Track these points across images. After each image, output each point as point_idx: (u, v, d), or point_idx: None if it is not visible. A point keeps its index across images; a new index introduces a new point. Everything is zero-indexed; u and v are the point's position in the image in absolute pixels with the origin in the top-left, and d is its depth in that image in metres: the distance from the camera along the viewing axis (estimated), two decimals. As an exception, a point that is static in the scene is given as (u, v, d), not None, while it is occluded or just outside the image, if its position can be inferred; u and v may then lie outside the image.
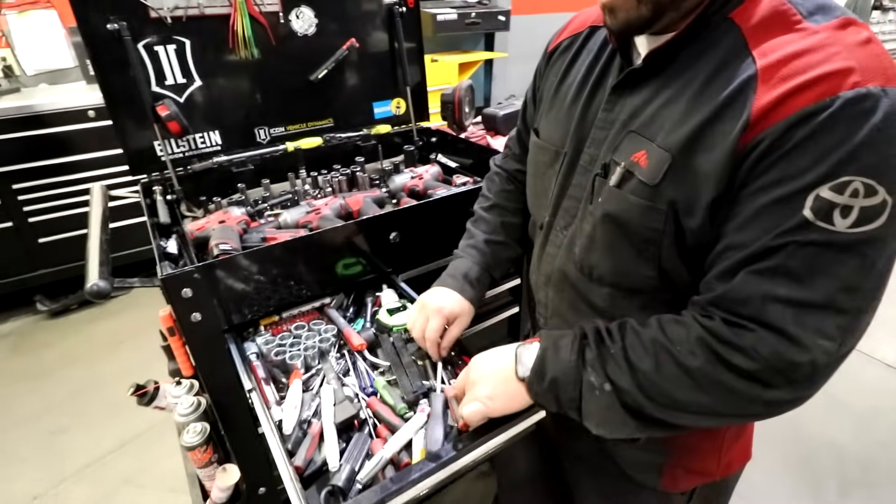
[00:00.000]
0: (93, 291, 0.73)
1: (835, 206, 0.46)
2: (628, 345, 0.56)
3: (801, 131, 0.46)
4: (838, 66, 0.46)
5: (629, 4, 0.54)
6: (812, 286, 0.47)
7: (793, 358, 0.48)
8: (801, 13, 0.50)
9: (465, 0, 3.36)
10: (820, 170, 0.46)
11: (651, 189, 0.56)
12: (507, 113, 1.55)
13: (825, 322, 0.47)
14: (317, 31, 1.34)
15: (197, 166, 1.26)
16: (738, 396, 0.51)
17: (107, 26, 1.09)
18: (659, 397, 0.53)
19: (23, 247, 2.39)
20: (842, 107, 0.45)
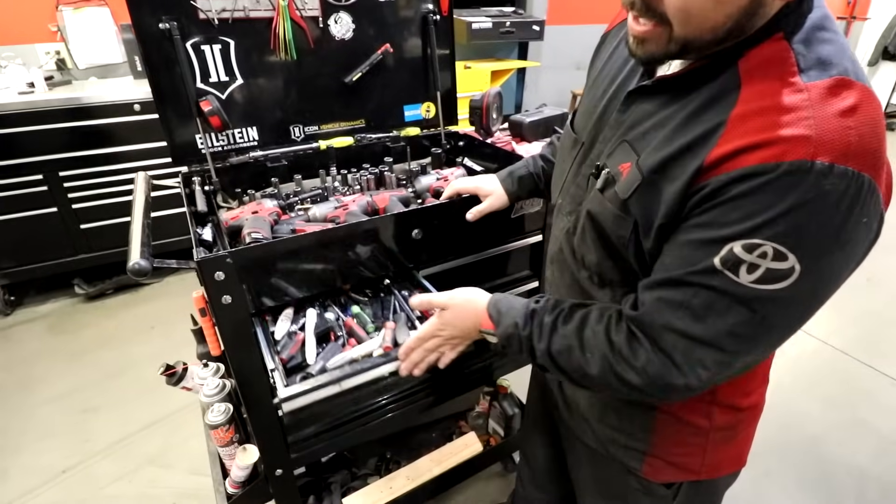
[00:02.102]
0: (134, 269, 0.78)
1: (742, 261, 0.50)
2: (558, 326, 0.68)
3: (737, 188, 0.49)
4: (796, 132, 0.47)
5: (660, 40, 0.55)
6: (704, 324, 0.53)
7: (673, 381, 0.57)
8: (799, 65, 0.51)
9: (501, 9, 3.40)
10: (739, 227, 0.49)
11: (621, 201, 0.61)
12: (533, 120, 1.57)
13: (707, 356, 0.54)
14: (353, 36, 1.39)
15: (234, 160, 1.32)
16: (619, 393, 0.63)
17: (159, 25, 1.15)
18: (556, 368, 0.67)
19: (65, 231, 2.52)
20: (780, 175, 0.47)
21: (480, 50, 3.56)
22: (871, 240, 0.52)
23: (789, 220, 0.47)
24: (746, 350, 0.54)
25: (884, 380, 2.18)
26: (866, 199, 0.48)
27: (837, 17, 5.81)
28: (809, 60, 0.51)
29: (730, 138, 0.51)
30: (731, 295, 0.51)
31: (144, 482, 1.71)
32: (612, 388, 0.63)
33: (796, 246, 0.48)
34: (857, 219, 0.48)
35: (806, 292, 0.51)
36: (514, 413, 1.55)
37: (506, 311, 0.74)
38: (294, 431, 1.11)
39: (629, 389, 0.61)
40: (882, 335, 2.49)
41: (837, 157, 0.46)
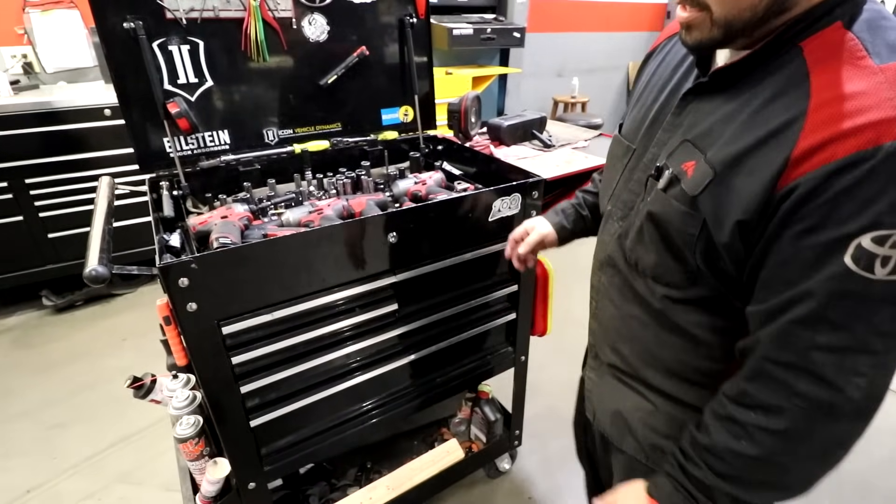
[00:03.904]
0: (91, 276, 0.74)
1: (875, 255, 0.47)
2: (699, 440, 0.61)
3: (840, 181, 0.47)
4: (885, 115, 0.46)
5: (704, 25, 0.56)
6: (850, 332, 0.50)
7: (832, 400, 0.52)
8: (868, 50, 0.50)
9: (482, 16, 3.41)
10: (859, 221, 0.47)
11: (690, 199, 0.59)
12: (511, 123, 1.56)
13: (859, 363, 0.50)
14: (328, 38, 1.37)
15: (204, 164, 1.28)
16: (799, 453, 0.55)
17: (123, 25, 1.12)
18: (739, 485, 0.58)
19: (32, 241, 2.43)
20: (882, 159, 0.45)
21: (462, 56, 3.57)
22: None
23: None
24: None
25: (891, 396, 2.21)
26: None
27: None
28: (877, 45, 0.50)
29: (814, 128, 0.49)
30: (872, 295, 0.48)
31: (114, 500, 1.64)
32: (788, 459, 0.55)
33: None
34: None
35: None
36: (496, 419, 1.53)
37: (661, 480, 0.65)
38: (267, 443, 1.08)
39: (787, 441, 0.54)
40: None
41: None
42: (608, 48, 4.64)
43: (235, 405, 0.97)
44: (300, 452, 1.12)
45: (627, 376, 0.80)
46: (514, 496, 1.66)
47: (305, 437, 1.13)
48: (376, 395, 1.21)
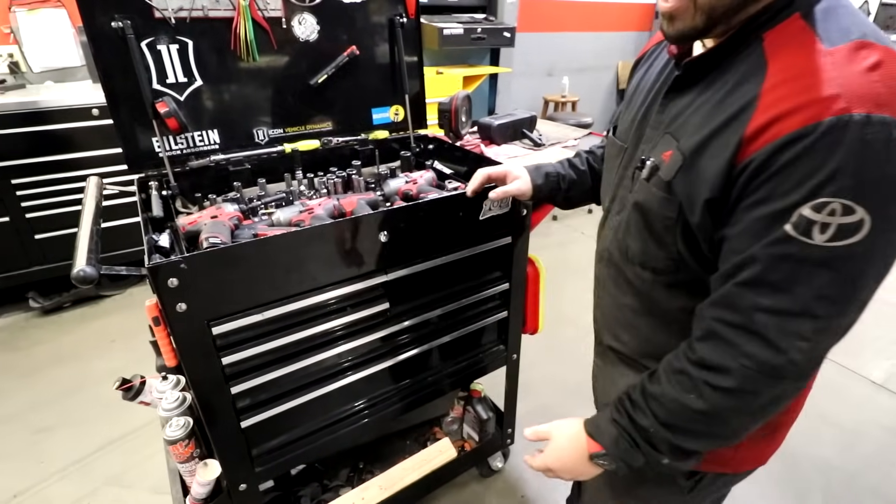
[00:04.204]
0: (79, 277, 0.73)
1: (813, 222, 0.50)
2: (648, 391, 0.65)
3: (784, 155, 0.50)
4: (827, 92, 0.49)
5: (687, 14, 0.58)
6: (791, 294, 0.53)
7: (774, 362, 0.55)
8: (820, 35, 0.53)
9: (472, 16, 3.42)
10: (800, 192, 0.50)
11: (666, 184, 0.63)
12: (501, 123, 1.57)
13: (802, 326, 0.53)
14: (318, 38, 1.36)
15: (194, 163, 1.27)
16: (743, 414, 0.59)
17: (111, 24, 1.11)
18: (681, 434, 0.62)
19: (19, 242, 2.40)
20: (823, 132, 0.48)
21: (452, 56, 3.57)
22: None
23: (846, 174, 0.48)
24: (838, 312, 0.53)
25: (845, 373, 2.26)
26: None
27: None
28: (829, 30, 0.53)
29: (764, 109, 0.53)
30: (809, 259, 0.51)
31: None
32: (724, 413, 0.59)
33: (860, 197, 0.48)
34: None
35: (881, 241, 0.51)
36: (488, 417, 1.53)
37: (599, 420, 0.70)
38: (259, 444, 1.07)
39: (732, 398, 0.58)
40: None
41: (871, 108, 0.48)
42: (597, 48, 4.67)
43: (226, 406, 0.96)
44: (291, 453, 1.12)
45: (629, 359, 0.82)
46: (506, 495, 1.66)
47: (297, 438, 1.13)
48: (368, 394, 1.21)
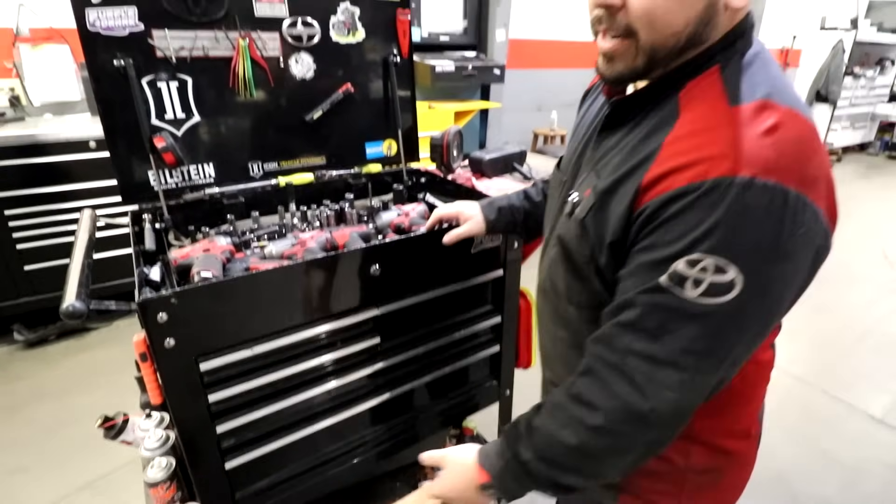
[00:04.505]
0: (68, 311, 0.73)
1: (686, 277, 0.51)
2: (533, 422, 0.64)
3: (670, 208, 0.52)
4: (718, 151, 0.51)
5: (628, 55, 0.59)
6: (661, 343, 0.54)
7: (640, 407, 0.55)
8: (728, 92, 0.55)
9: (463, 54, 3.53)
10: (678, 245, 0.52)
11: (580, 221, 0.65)
12: (492, 157, 1.61)
13: (668, 377, 0.54)
14: (315, 76, 1.40)
15: (188, 197, 1.28)
16: (602, 451, 0.58)
17: (113, 62, 1.14)
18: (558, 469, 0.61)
19: (7, 273, 2.37)
20: (706, 191, 0.50)
21: (444, 91, 3.67)
22: (817, 253, 0.54)
23: (721, 233, 0.50)
24: (707, 368, 0.54)
25: (843, 408, 2.24)
26: (797, 211, 0.50)
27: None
28: (739, 87, 0.55)
29: (661, 161, 0.55)
30: (681, 312, 0.52)
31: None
32: (595, 451, 0.59)
33: (734, 258, 0.50)
34: (792, 230, 0.50)
35: (753, 304, 0.52)
36: (481, 455, 1.50)
37: (489, 450, 0.68)
38: (243, 486, 1.04)
39: (601, 437, 0.58)
40: (838, 362, 2.57)
41: (758, 172, 0.49)
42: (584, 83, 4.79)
43: (210, 446, 0.94)
44: (277, 496, 1.08)
45: None
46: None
47: (283, 480, 1.09)
48: (357, 433, 1.19)
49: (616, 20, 0.57)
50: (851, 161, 6.72)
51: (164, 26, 1.18)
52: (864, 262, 3.66)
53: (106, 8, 1.12)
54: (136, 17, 1.15)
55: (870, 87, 6.64)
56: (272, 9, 1.30)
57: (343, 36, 1.42)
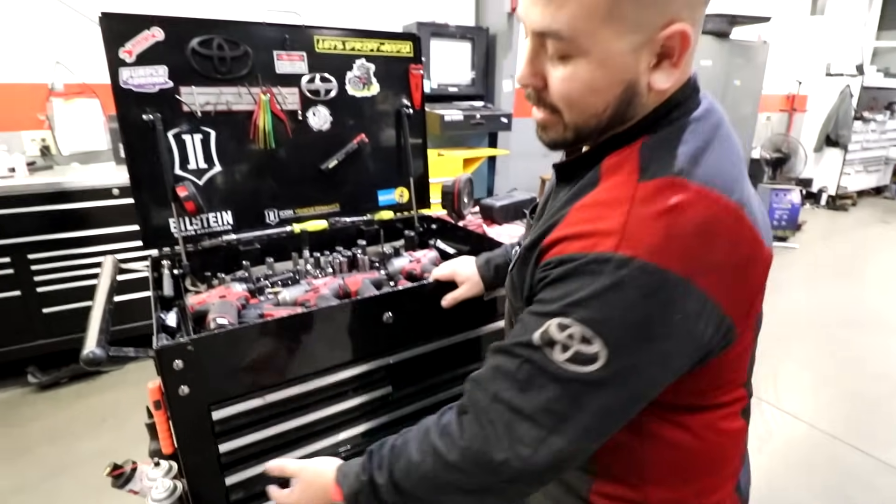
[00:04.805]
0: (88, 359, 0.74)
1: (555, 341, 0.53)
2: (397, 447, 0.65)
3: (558, 270, 0.54)
4: (609, 226, 0.52)
5: (557, 127, 0.61)
6: (526, 396, 0.55)
7: (494, 455, 0.55)
8: (641, 167, 0.55)
9: (472, 104, 3.66)
10: (555, 305, 0.53)
11: (511, 274, 0.68)
12: (503, 204, 1.64)
13: (526, 431, 0.54)
14: (331, 127, 1.47)
15: (206, 243, 1.32)
16: (452, 488, 0.59)
17: (142, 116, 1.20)
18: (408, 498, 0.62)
19: (26, 316, 2.41)
20: (588, 262, 0.52)
21: (453, 139, 3.78)
22: (704, 341, 0.54)
23: (592, 306, 0.51)
24: (562, 431, 0.54)
25: (876, 465, 2.13)
26: (676, 296, 0.50)
27: (780, 110, 6.43)
28: (653, 162, 0.55)
29: (564, 226, 0.57)
30: (547, 372, 0.54)
31: None
32: (447, 487, 0.59)
33: (600, 332, 0.51)
34: (667, 315, 0.51)
35: (617, 380, 0.52)
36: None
37: (348, 470, 0.68)
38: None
39: (454, 474, 0.58)
40: (869, 417, 2.44)
41: (641, 252, 0.50)
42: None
43: (219, 498, 0.92)
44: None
45: None
46: None
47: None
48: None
49: (542, 98, 0.60)
50: (867, 205, 6.67)
51: (191, 83, 1.26)
52: (892, 310, 3.56)
53: (139, 67, 1.20)
54: (166, 75, 1.23)
55: (881, 132, 6.67)
56: (293, 66, 1.38)
57: (358, 90, 1.49)
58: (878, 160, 6.85)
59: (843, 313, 3.48)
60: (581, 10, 0.51)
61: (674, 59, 0.54)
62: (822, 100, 6.28)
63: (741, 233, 0.55)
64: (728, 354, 0.59)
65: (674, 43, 0.53)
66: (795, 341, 3.09)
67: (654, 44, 0.53)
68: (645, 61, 0.54)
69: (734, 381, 0.65)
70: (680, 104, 0.58)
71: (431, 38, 3.41)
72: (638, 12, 0.51)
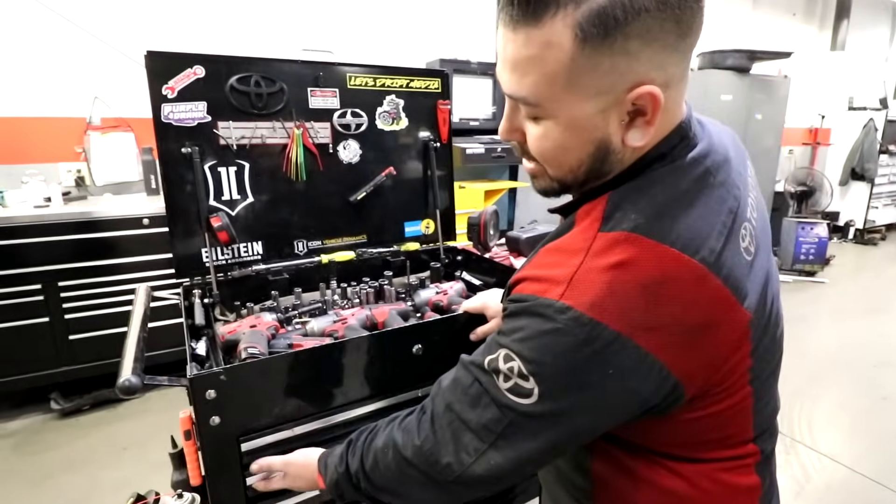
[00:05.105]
0: (124, 387, 0.74)
1: (499, 370, 0.56)
2: (368, 439, 0.72)
3: (514, 306, 0.58)
4: (560, 274, 0.54)
5: (544, 177, 0.63)
6: (474, 411, 0.59)
7: (441, 458, 0.61)
8: (605, 217, 0.56)
9: (493, 137, 3.71)
10: (505, 339, 0.57)
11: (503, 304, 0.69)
12: (529, 236, 1.64)
13: (470, 442, 0.59)
14: (360, 160, 1.50)
15: (236, 273, 1.34)
16: (406, 481, 0.66)
17: (181, 149, 1.25)
18: (374, 488, 0.70)
19: (52, 342, 2.45)
20: (536, 305, 0.54)
21: (475, 172, 3.82)
22: (637, 394, 0.53)
23: (532, 346, 0.54)
24: (500, 448, 0.58)
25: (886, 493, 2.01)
26: (609, 351, 0.51)
27: (802, 143, 6.39)
28: (614, 213, 0.56)
29: (529, 266, 0.60)
30: (491, 394, 0.57)
31: None
32: (405, 479, 0.66)
33: (534, 371, 0.53)
34: (599, 367, 0.52)
35: (547, 418, 0.55)
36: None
37: (330, 460, 0.76)
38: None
39: (409, 468, 0.64)
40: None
41: (582, 304, 0.51)
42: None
43: (245, 532, 0.90)
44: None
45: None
46: None
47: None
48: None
49: (526, 150, 0.62)
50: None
51: (228, 118, 1.30)
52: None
53: (179, 103, 1.25)
54: (205, 110, 1.27)
55: (908, 165, 6.58)
56: (325, 101, 1.42)
57: (388, 124, 1.53)
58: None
59: (876, 351, 3.35)
60: (542, 79, 0.52)
61: (647, 116, 0.54)
62: (845, 133, 6.23)
63: (699, 294, 0.53)
64: (704, 413, 0.58)
65: (644, 102, 0.52)
66: (829, 380, 2.98)
67: (622, 104, 0.53)
68: (615, 121, 0.55)
69: (735, 436, 0.63)
70: (664, 155, 0.58)
71: (454, 74, 3.50)
72: (598, 79, 0.51)
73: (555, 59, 0.50)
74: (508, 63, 0.55)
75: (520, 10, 0.50)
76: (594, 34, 0.48)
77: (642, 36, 0.49)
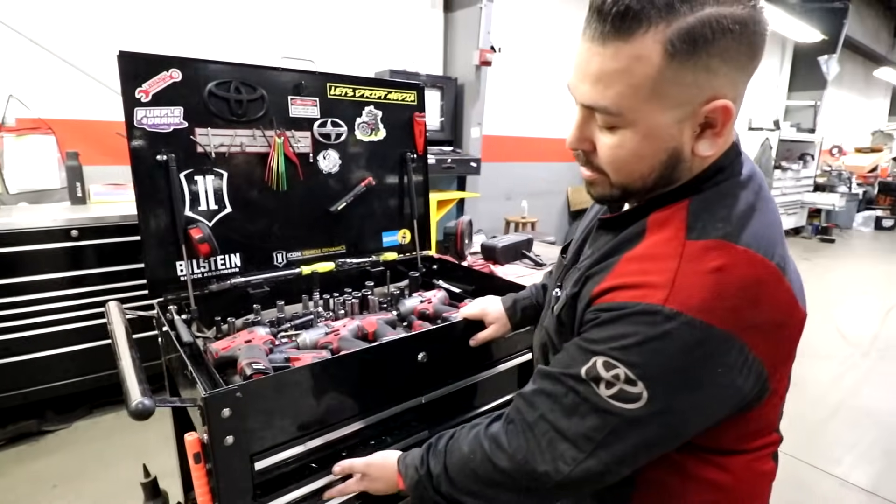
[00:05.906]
0: (138, 410, 0.69)
1: (601, 378, 0.58)
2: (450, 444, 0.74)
3: (608, 314, 0.59)
4: (658, 280, 0.56)
5: (604, 185, 0.66)
6: (569, 421, 0.61)
7: (537, 467, 0.63)
8: (688, 226, 0.59)
9: (442, 149, 3.79)
10: (603, 345, 0.58)
11: (558, 316, 0.73)
12: (505, 245, 1.70)
13: (567, 451, 0.61)
14: (339, 170, 1.48)
15: (214, 287, 1.27)
16: (497, 487, 0.67)
17: (156, 157, 1.17)
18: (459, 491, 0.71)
19: (-41, 372, 2.14)
20: (635, 312, 0.56)
21: (424, 182, 3.88)
22: (740, 390, 0.58)
23: (639, 352, 0.55)
24: (598, 456, 0.59)
25: (831, 480, 2.28)
26: (718, 351, 0.54)
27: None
28: (699, 222, 0.59)
29: (613, 276, 0.62)
30: (591, 403, 0.59)
31: None
32: (493, 485, 0.67)
33: (643, 376, 0.55)
34: (709, 367, 0.55)
35: (655, 420, 0.57)
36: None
37: (410, 461, 0.78)
38: None
39: (501, 475, 0.66)
40: (819, 437, 2.61)
41: (687, 308, 0.54)
42: (549, 176, 5.25)
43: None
44: None
45: None
46: None
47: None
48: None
49: (591, 160, 0.65)
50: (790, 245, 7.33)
51: (207, 125, 1.24)
52: (823, 340, 3.90)
53: (154, 107, 1.17)
54: (181, 115, 1.21)
55: (796, 179, 7.61)
56: (306, 110, 1.40)
57: (367, 135, 1.53)
58: (795, 204, 7.74)
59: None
60: (627, 90, 0.56)
61: (716, 129, 0.58)
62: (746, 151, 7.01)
63: (780, 294, 0.59)
64: (766, 404, 0.63)
65: (716, 115, 0.57)
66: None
67: (697, 116, 0.57)
68: (689, 131, 0.59)
69: (769, 426, 0.71)
70: (724, 168, 0.63)
71: (403, 86, 3.53)
72: (680, 91, 0.55)
73: (642, 71, 0.54)
74: (591, 75, 0.58)
75: (612, 26, 0.54)
76: (683, 50, 0.53)
77: (722, 55, 0.54)
